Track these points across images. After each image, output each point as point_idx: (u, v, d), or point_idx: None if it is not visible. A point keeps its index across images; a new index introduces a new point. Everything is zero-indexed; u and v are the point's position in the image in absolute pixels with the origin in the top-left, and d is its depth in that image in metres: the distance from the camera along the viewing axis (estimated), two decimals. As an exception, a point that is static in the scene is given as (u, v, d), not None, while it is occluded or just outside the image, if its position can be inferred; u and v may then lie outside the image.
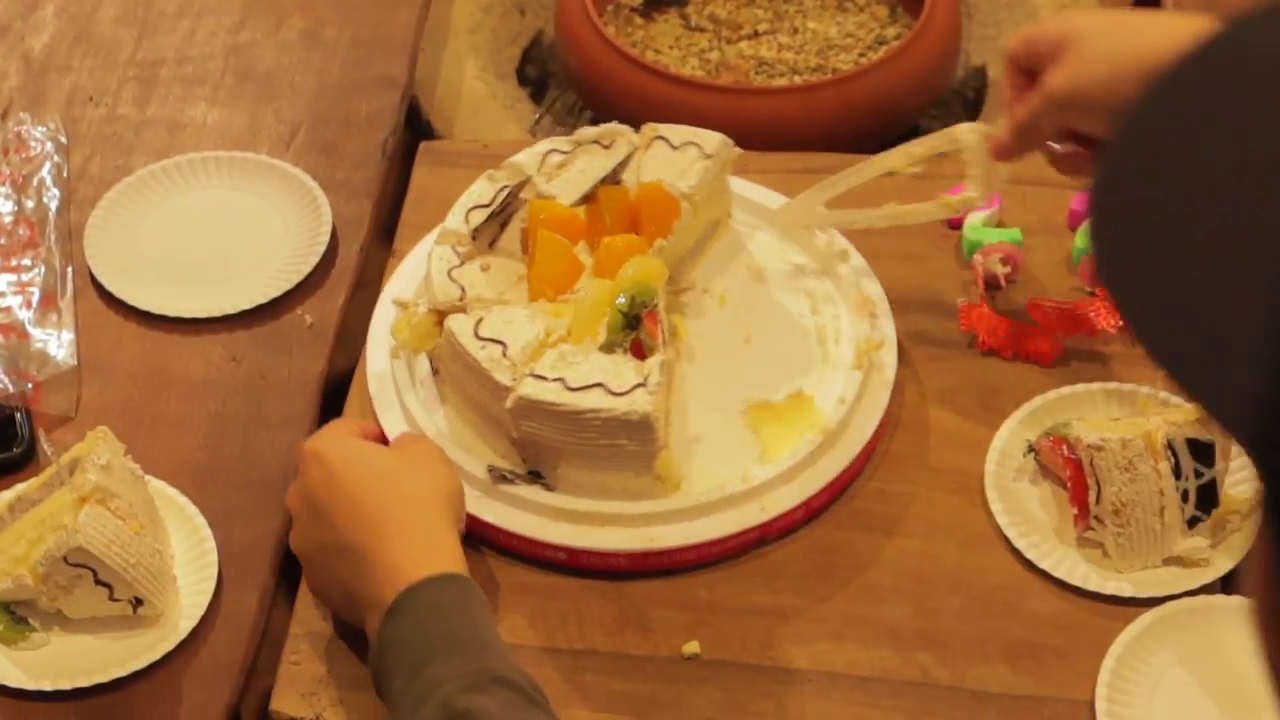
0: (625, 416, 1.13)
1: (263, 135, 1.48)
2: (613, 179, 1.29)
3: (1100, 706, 1.10)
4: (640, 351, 1.17)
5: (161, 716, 1.13)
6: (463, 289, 1.23)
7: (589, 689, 1.14)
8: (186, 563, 1.20)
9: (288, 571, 1.20)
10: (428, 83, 1.60)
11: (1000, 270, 1.31)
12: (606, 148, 1.30)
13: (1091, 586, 1.16)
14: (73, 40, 1.56)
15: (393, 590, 1.07)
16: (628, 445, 1.15)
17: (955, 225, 1.35)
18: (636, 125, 1.53)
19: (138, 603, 1.16)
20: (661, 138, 1.30)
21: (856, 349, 1.24)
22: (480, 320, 1.21)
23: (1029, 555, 1.18)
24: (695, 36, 1.64)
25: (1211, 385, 0.45)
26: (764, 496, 1.19)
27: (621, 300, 1.18)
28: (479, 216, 1.26)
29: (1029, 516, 1.20)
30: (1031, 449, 1.22)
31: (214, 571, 1.19)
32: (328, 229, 1.39)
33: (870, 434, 1.22)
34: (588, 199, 1.28)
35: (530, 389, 1.16)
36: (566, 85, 1.68)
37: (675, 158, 1.29)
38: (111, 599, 1.15)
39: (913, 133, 1.57)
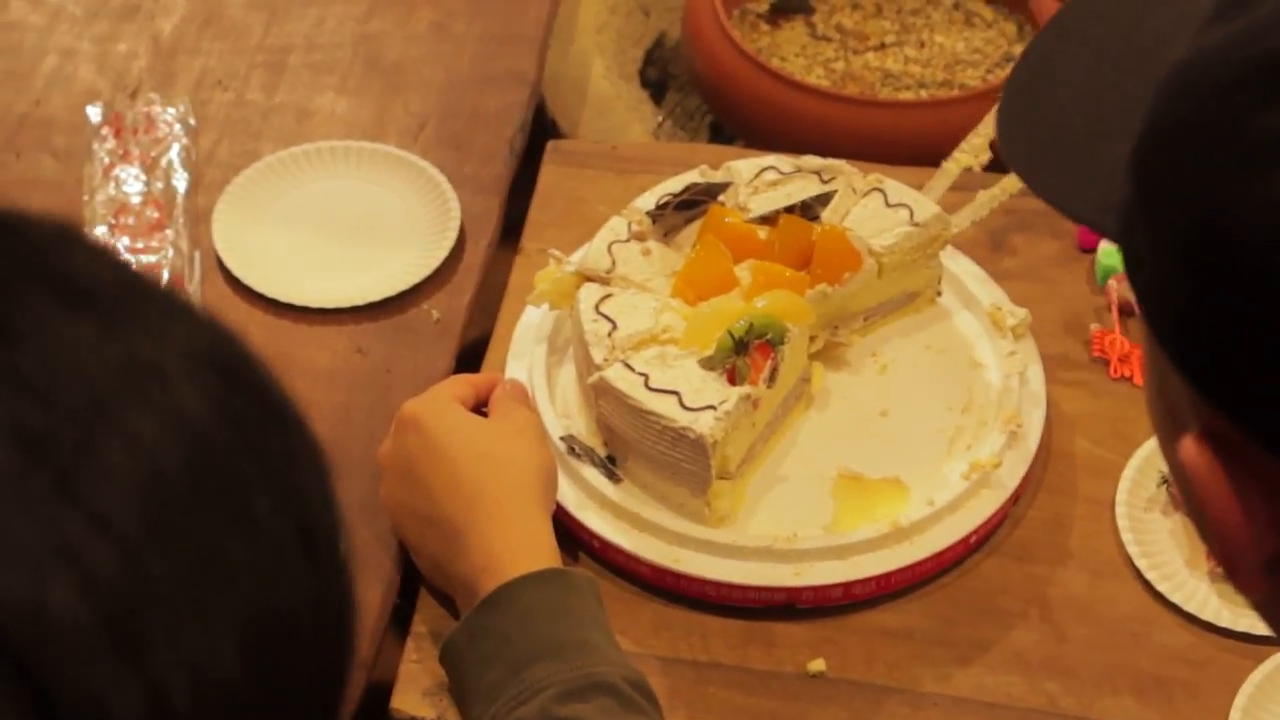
0: (684, 431, 1.14)
1: (390, 127, 1.48)
2: (806, 211, 1.27)
3: (1231, 744, 1.09)
4: (734, 378, 1.17)
5: (285, 711, 1.13)
6: (614, 262, 1.24)
7: (711, 702, 1.14)
8: (311, 555, 1.20)
9: (411, 567, 1.20)
10: (552, 81, 1.60)
11: (1134, 297, 1.29)
12: (826, 181, 1.29)
13: (1223, 622, 1.15)
14: (202, 23, 1.56)
15: (490, 580, 1.08)
16: (684, 462, 1.16)
17: (1089, 248, 1.34)
18: (759, 133, 1.55)
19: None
20: (880, 190, 1.28)
21: (975, 460, 1.20)
22: (608, 296, 1.22)
23: (1159, 587, 1.17)
24: (821, 45, 1.63)
25: (1089, 205, 0.62)
26: (803, 563, 1.17)
27: (740, 324, 1.18)
28: (665, 203, 1.27)
29: (1160, 548, 1.19)
30: (1165, 480, 1.21)
31: (339, 564, 1.19)
32: (456, 224, 1.38)
33: (944, 546, 1.17)
34: (768, 221, 1.27)
35: (614, 374, 1.17)
36: (688, 88, 1.67)
37: (884, 214, 1.27)
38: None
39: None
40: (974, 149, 1.29)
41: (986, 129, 1.28)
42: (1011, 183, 1.30)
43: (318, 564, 0.52)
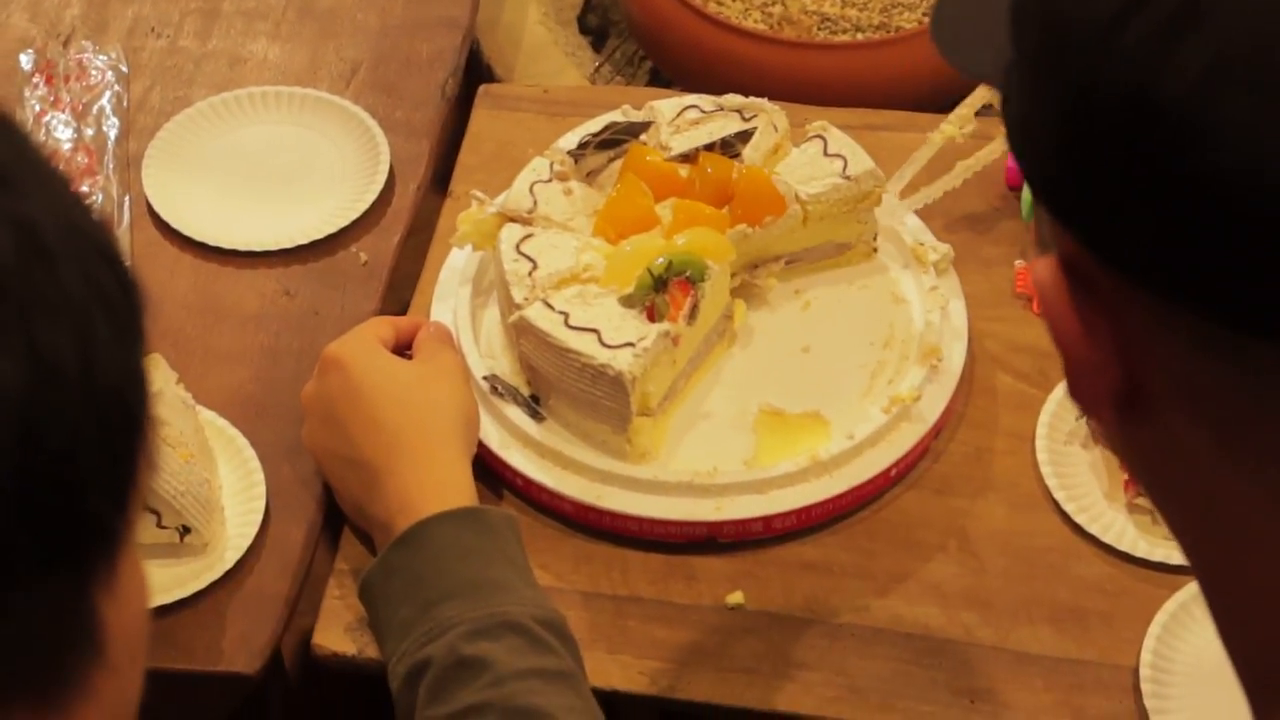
0: (602, 369, 1.14)
1: (323, 72, 1.48)
2: (727, 149, 1.27)
3: (1144, 673, 1.09)
4: (653, 315, 1.17)
5: (204, 646, 1.14)
6: (535, 203, 1.24)
7: (631, 635, 1.14)
8: (234, 494, 1.21)
9: (334, 508, 1.20)
10: (488, 26, 1.60)
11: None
12: (747, 120, 1.29)
13: (1140, 553, 1.15)
14: (136, -29, 1.56)
15: (404, 518, 1.09)
16: (605, 399, 1.16)
17: (1016, 187, 1.34)
18: (696, 78, 1.53)
19: (185, 531, 1.16)
20: (821, 138, 1.27)
21: (894, 394, 1.20)
22: (529, 236, 1.22)
23: (1077, 519, 1.17)
24: (758, -10, 1.63)
25: (991, 66, 0.65)
26: (723, 498, 1.17)
27: (659, 261, 1.18)
28: (586, 142, 1.27)
29: (1079, 480, 1.19)
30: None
31: (262, 504, 1.19)
32: (385, 168, 1.39)
33: (863, 480, 1.18)
34: (688, 159, 1.27)
35: (534, 313, 1.18)
36: (627, 35, 1.67)
37: (818, 162, 1.26)
38: (159, 526, 1.15)
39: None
40: (960, 119, 1.29)
41: (975, 100, 1.28)
42: (987, 153, 1.30)
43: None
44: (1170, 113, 0.56)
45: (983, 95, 1.27)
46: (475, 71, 1.53)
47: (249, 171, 1.41)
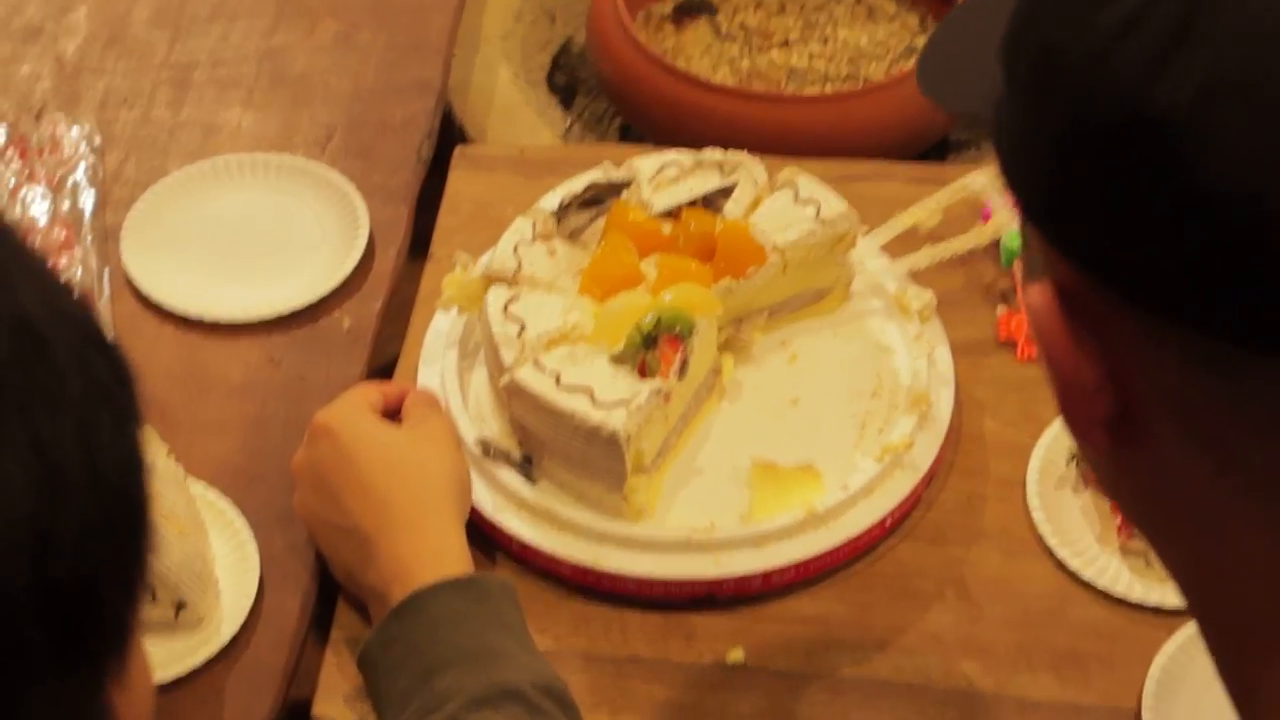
0: (597, 428, 1.14)
1: (298, 139, 1.47)
2: (709, 204, 1.28)
3: (1146, 716, 1.10)
4: (644, 372, 1.17)
5: (204, 722, 1.13)
6: (519, 264, 1.24)
7: (633, 696, 1.14)
8: (228, 566, 1.20)
9: (328, 576, 1.20)
10: (460, 88, 1.60)
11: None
12: (727, 174, 1.29)
13: (1135, 597, 1.16)
14: (106, 42, 1.56)
15: (400, 588, 1.08)
16: (599, 458, 1.16)
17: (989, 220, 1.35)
18: (668, 134, 1.54)
19: (180, 606, 1.15)
20: (791, 186, 1.28)
21: (885, 443, 1.21)
22: (516, 297, 1.22)
23: (1071, 564, 1.18)
24: (726, 45, 1.64)
25: (974, 99, 0.67)
26: (721, 553, 1.17)
27: (648, 318, 1.18)
28: (569, 202, 1.27)
29: (1071, 525, 1.20)
30: (1074, 457, 1.22)
31: (255, 575, 1.18)
32: (365, 233, 1.38)
33: (859, 530, 1.18)
34: (672, 215, 1.27)
35: (525, 374, 1.17)
36: (596, 92, 1.68)
37: (791, 210, 1.27)
38: (154, 603, 1.14)
39: (943, 144, 1.58)
40: (929, 211, 1.31)
41: (949, 195, 1.31)
42: (973, 238, 1.32)
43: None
44: (1165, 132, 0.56)
45: (957, 194, 1.29)
46: (448, 133, 1.53)
47: (228, 241, 1.40)
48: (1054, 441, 1.23)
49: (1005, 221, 1.31)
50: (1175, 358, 0.59)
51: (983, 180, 1.29)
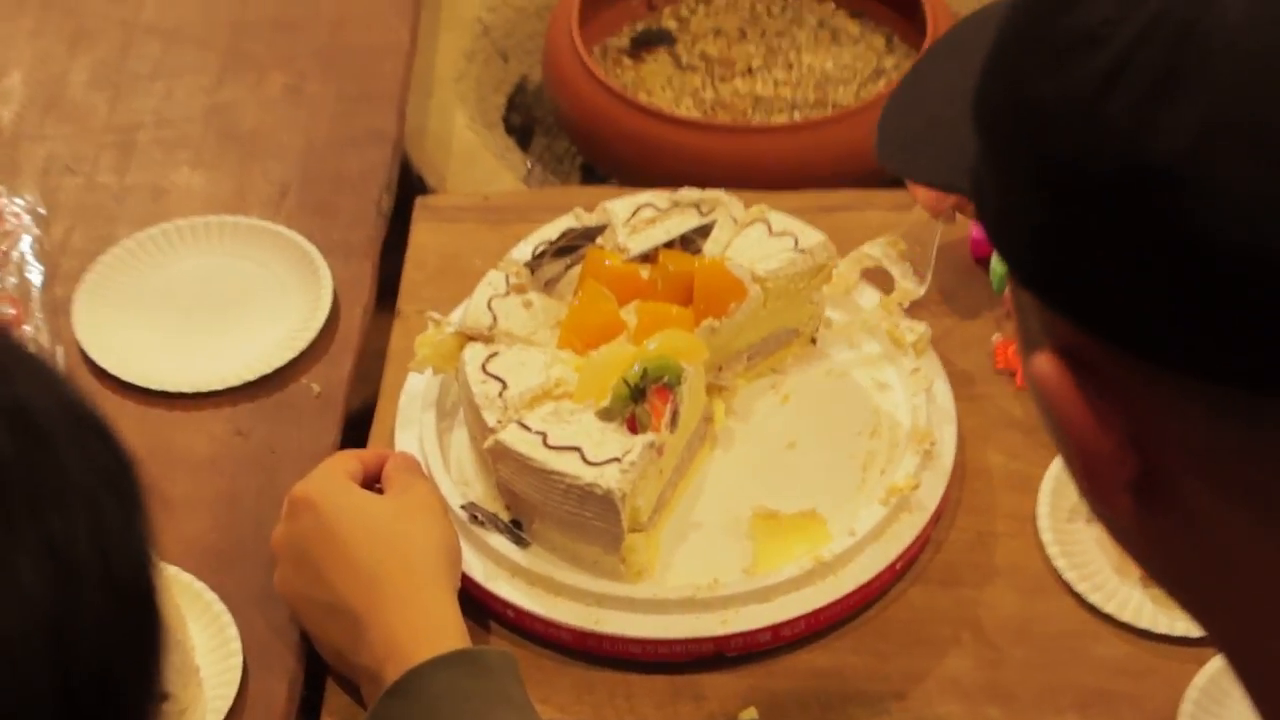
0: (590, 488, 1.10)
1: (252, 198, 1.42)
2: (687, 245, 1.23)
3: (1182, 754, 1.06)
4: (635, 426, 1.13)
5: (194, 819, 1.07)
6: (494, 319, 1.19)
7: (644, 764, 1.09)
8: (208, 652, 1.14)
9: (315, 657, 1.15)
10: (416, 136, 1.55)
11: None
12: (705, 213, 1.25)
13: (1160, 629, 1.12)
14: (44, 108, 1.50)
15: (394, 667, 1.04)
16: (594, 519, 1.11)
17: (982, 258, 1.32)
18: (633, 171, 1.51)
19: (162, 698, 1.09)
20: (763, 221, 1.24)
21: (891, 484, 1.16)
22: (494, 354, 1.18)
23: (1091, 599, 1.14)
24: (687, 76, 1.60)
25: (946, 171, 0.67)
26: (728, 610, 1.12)
27: (634, 369, 1.14)
28: (542, 250, 1.23)
29: (1088, 559, 1.16)
30: (1085, 488, 1.17)
31: (238, 660, 1.13)
32: (328, 293, 1.33)
33: (869, 577, 1.13)
34: (649, 259, 1.23)
35: (510, 436, 1.13)
36: (555, 131, 1.63)
37: (766, 242, 1.23)
38: (135, 697, 1.08)
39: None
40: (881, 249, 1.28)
41: (847, 266, 1.28)
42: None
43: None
44: (1166, 178, 0.55)
45: (857, 261, 1.26)
46: (406, 183, 1.48)
47: (185, 308, 1.35)
48: (1062, 472, 1.19)
49: (908, 290, 1.27)
50: (1199, 410, 0.57)
51: (878, 252, 1.26)
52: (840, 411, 1.24)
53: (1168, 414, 0.58)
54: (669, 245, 1.23)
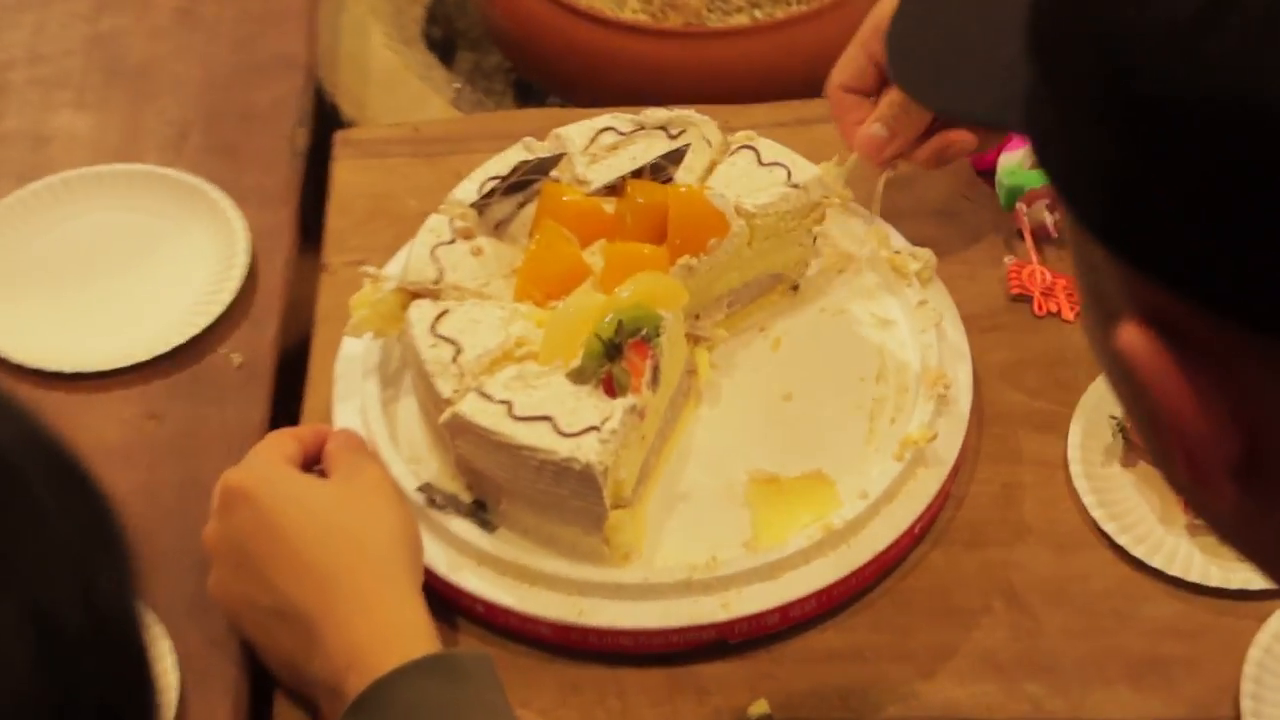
0: (566, 463, 0.98)
1: (147, 141, 1.29)
2: (657, 173, 1.10)
3: (1249, 723, 0.96)
4: (612, 388, 1.00)
5: None
6: (441, 271, 1.07)
7: (643, 771, 0.99)
8: (137, 675, 1.01)
9: (259, 669, 1.03)
10: (327, 60, 1.41)
11: (1049, 218, 1.15)
12: (674, 136, 1.12)
13: (1213, 582, 1.03)
14: (-103, 50, 1.35)
15: (358, 676, 0.95)
16: (570, 497, 1.00)
17: (985, 170, 1.19)
18: (577, 87, 1.37)
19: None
20: (751, 148, 1.11)
21: (905, 435, 1.05)
22: (444, 313, 1.06)
23: (1135, 552, 1.04)
24: (630, -26, 1.45)
25: (988, 103, 0.65)
26: (729, 591, 1.01)
27: (607, 320, 1.01)
28: (490, 189, 1.09)
29: (1128, 507, 1.06)
30: (1121, 427, 1.06)
31: (174, 679, 1.02)
32: (244, 247, 1.20)
33: (887, 543, 1.02)
34: (613, 191, 1.10)
35: (469, 407, 1.01)
36: (482, 45, 1.48)
37: (756, 173, 1.10)
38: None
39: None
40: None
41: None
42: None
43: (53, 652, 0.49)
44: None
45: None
46: (321, 115, 1.34)
47: (81, 273, 1.22)
48: (1093, 410, 1.08)
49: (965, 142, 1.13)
50: None
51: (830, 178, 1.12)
52: (839, 355, 1.11)
53: (1274, 383, 0.54)
54: (636, 175, 1.10)
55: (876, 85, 1.09)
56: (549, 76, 1.39)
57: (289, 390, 1.16)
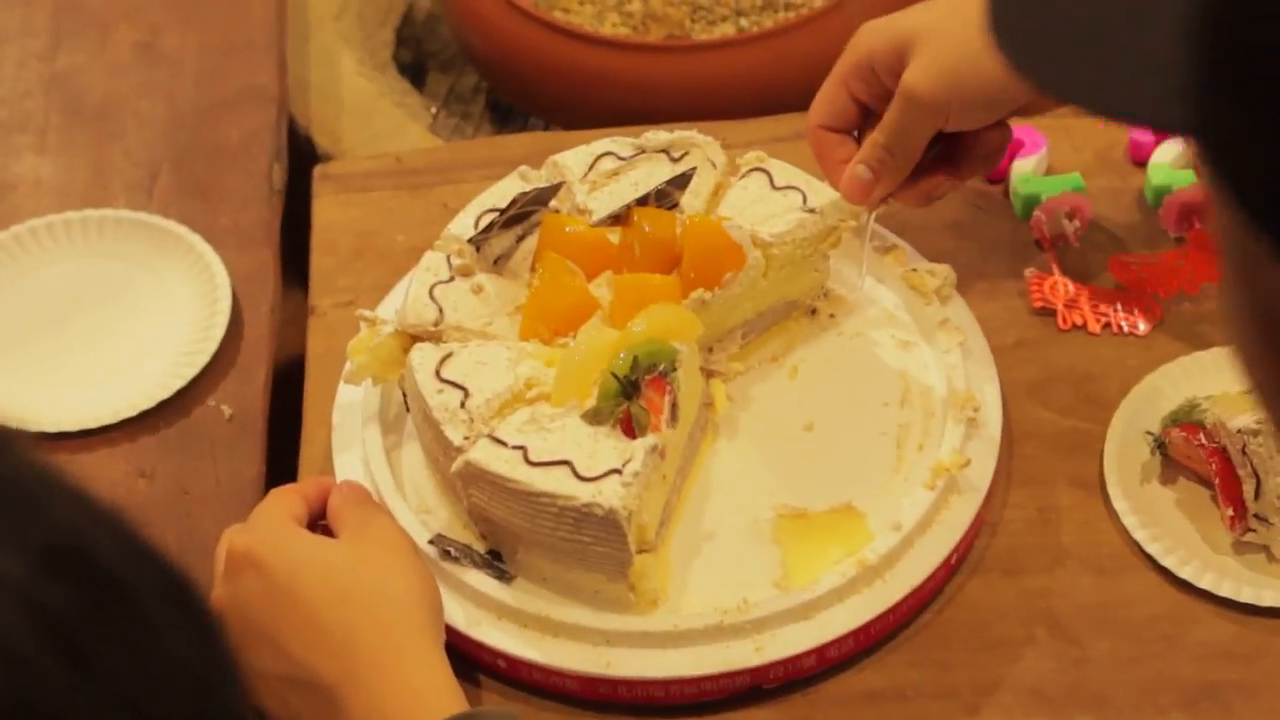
0: (588, 509, 0.93)
1: (115, 184, 1.23)
2: (662, 200, 1.05)
3: (1316, 750, 0.92)
4: (631, 428, 0.96)
5: None
6: (440, 311, 1.02)
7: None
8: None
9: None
10: (298, 90, 1.35)
11: (1068, 227, 1.11)
12: (676, 160, 1.07)
13: (1266, 601, 0.98)
14: None
15: None
16: (593, 544, 0.95)
17: (999, 179, 1.14)
18: (557, 107, 1.32)
19: None
20: (763, 170, 1.06)
21: (935, 462, 1.00)
22: (449, 356, 1.01)
23: (1181, 574, 0.99)
24: (608, -14, 1.39)
25: (1144, 102, 0.55)
26: (762, 634, 0.96)
27: (622, 357, 0.97)
28: (488, 223, 1.04)
29: (1171, 527, 1.01)
30: (1159, 443, 1.02)
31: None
32: (225, 293, 1.15)
33: (924, 576, 0.98)
34: (618, 220, 1.05)
35: (482, 454, 0.96)
36: (454, 66, 1.43)
37: (770, 198, 1.05)
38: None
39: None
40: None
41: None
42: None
43: None
44: None
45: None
46: (296, 150, 1.28)
47: (55, 326, 1.17)
48: (1127, 426, 1.04)
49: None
50: None
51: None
52: (861, 380, 1.07)
53: None
54: (641, 202, 1.05)
55: (858, 122, 1.04)
56: (528, 97, 1.34)
57: (283, 441, 1.11)
